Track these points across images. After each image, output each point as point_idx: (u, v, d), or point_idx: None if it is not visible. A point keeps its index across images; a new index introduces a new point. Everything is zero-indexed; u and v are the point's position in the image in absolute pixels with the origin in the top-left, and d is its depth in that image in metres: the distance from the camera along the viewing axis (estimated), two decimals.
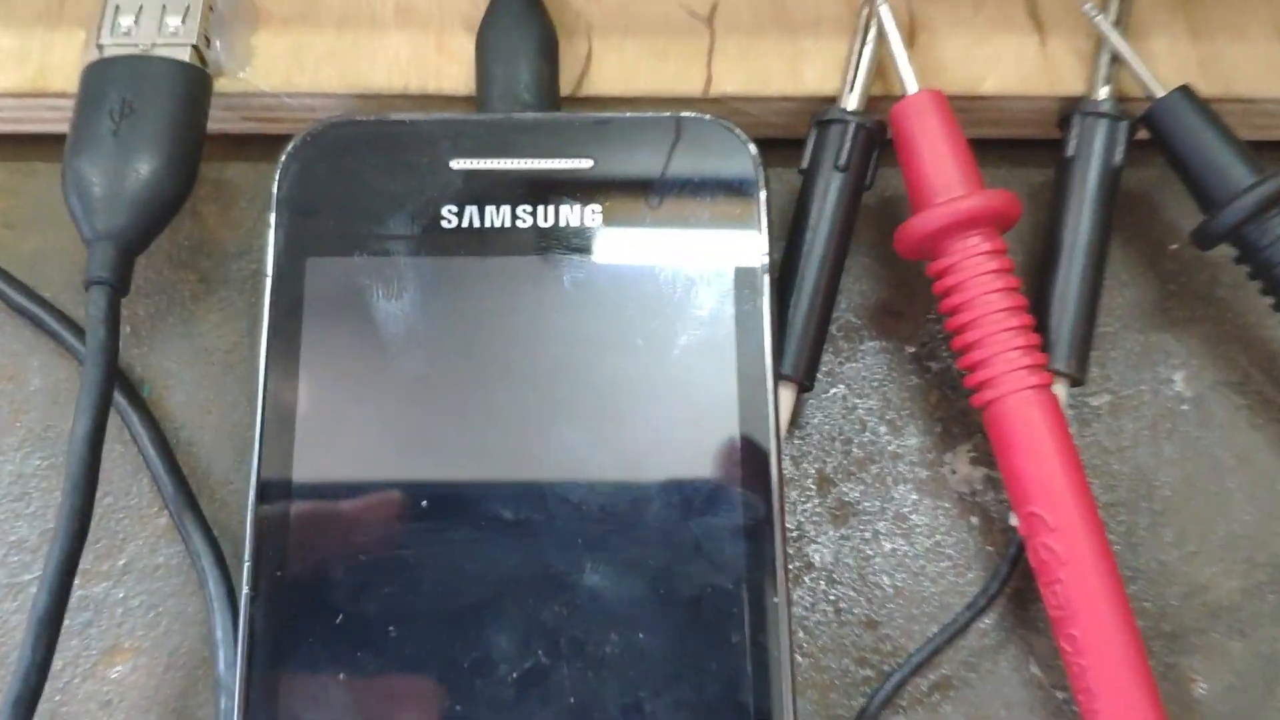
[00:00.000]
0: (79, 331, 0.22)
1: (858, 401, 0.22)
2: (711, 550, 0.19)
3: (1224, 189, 0.21)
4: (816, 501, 0.22)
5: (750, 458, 0.19)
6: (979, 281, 0.20)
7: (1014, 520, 0.20)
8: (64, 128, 0.23)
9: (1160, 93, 0.21)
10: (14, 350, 0.23)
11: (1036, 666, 0.21)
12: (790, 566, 0.21)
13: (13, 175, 0.24)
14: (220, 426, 0.22)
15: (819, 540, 0.22)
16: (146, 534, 0.21)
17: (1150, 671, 0.19)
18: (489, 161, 0.21)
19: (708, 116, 0.21)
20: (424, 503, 0.19)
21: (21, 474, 0.22)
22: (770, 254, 0.20)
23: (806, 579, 0.21)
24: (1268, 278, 0.21)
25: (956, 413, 0.22)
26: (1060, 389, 0.21)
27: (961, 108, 0.22)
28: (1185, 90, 0.21)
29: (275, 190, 0.20)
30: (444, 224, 0.20)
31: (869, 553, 0.22)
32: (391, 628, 0.18)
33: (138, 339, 0.22)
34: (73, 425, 0.19)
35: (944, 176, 0.21)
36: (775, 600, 0.18)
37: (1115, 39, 0.22)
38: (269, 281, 0.20)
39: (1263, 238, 0.20)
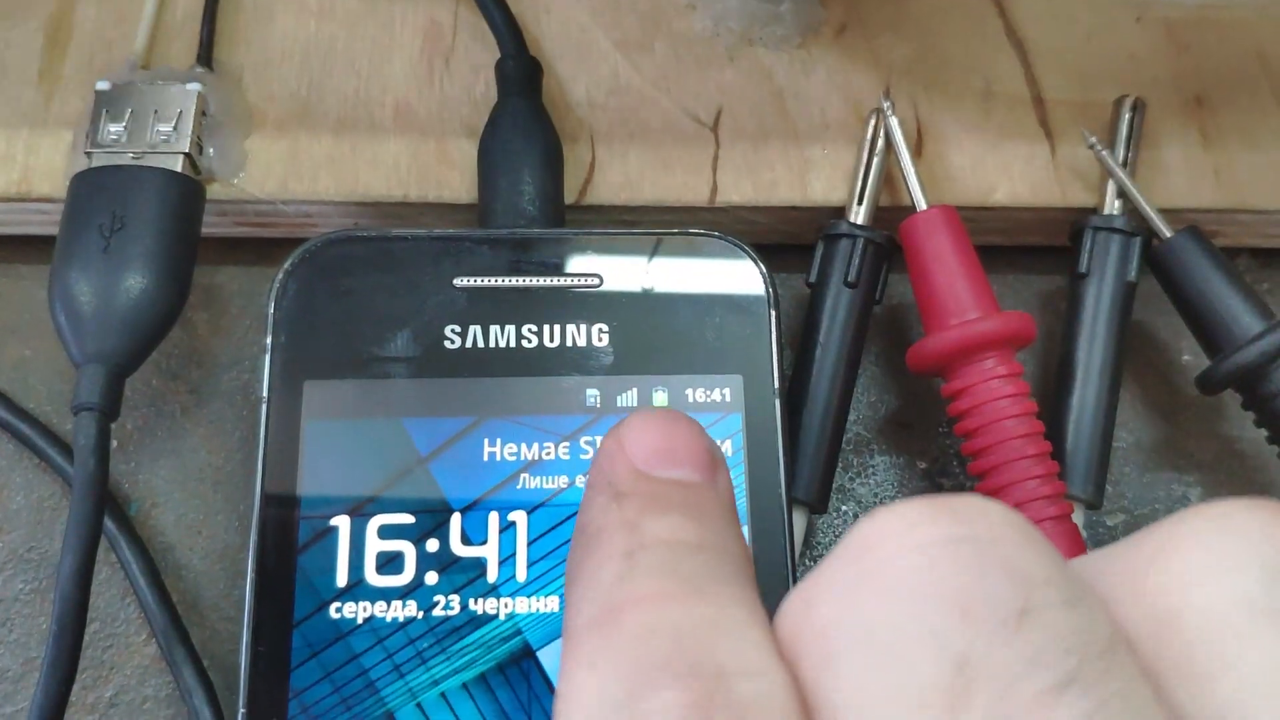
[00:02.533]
0: (64, 448, 0.21)
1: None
2: None
3: (1229, 336, 0.20)
4: None
5: (765, 587, 0.19)
6: (996, 407, 0.20)
7: None
8: (49, 230, 0.22)
9: (1167, 233, 0.21)
10: None
11: None
12: None
13: None
14: (211, 548, 0.21)
15: None
16: (134, 664, 0.20)
17: None
18: (493, 280, 0.20)
19: (717, 234, 0.20)
20: (427, 636, 0.18)
21: (3, 598, 0.21)
22: (782, 372, 0.20)
23: None
24: (1275, 428, 0.20)
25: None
26: (1079, 515, 0.21)
27: (970, 217, 0.22)
28: (1192, 231, 0.21)
29: (271, 310, 0.20)
30: (447, 344, 0.20)
31: None
32: None
33: (125, 454, 0.22)
34: (60, 561, 0.18)
35: (957, 297, 0.20)
36: None
37: (1120, 175, 0.22)
38: (265, 407, 0.19)
39: (1269, 387, 0.20)
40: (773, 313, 0.20)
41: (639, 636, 0.10)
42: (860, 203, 0.22)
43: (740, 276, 0.20)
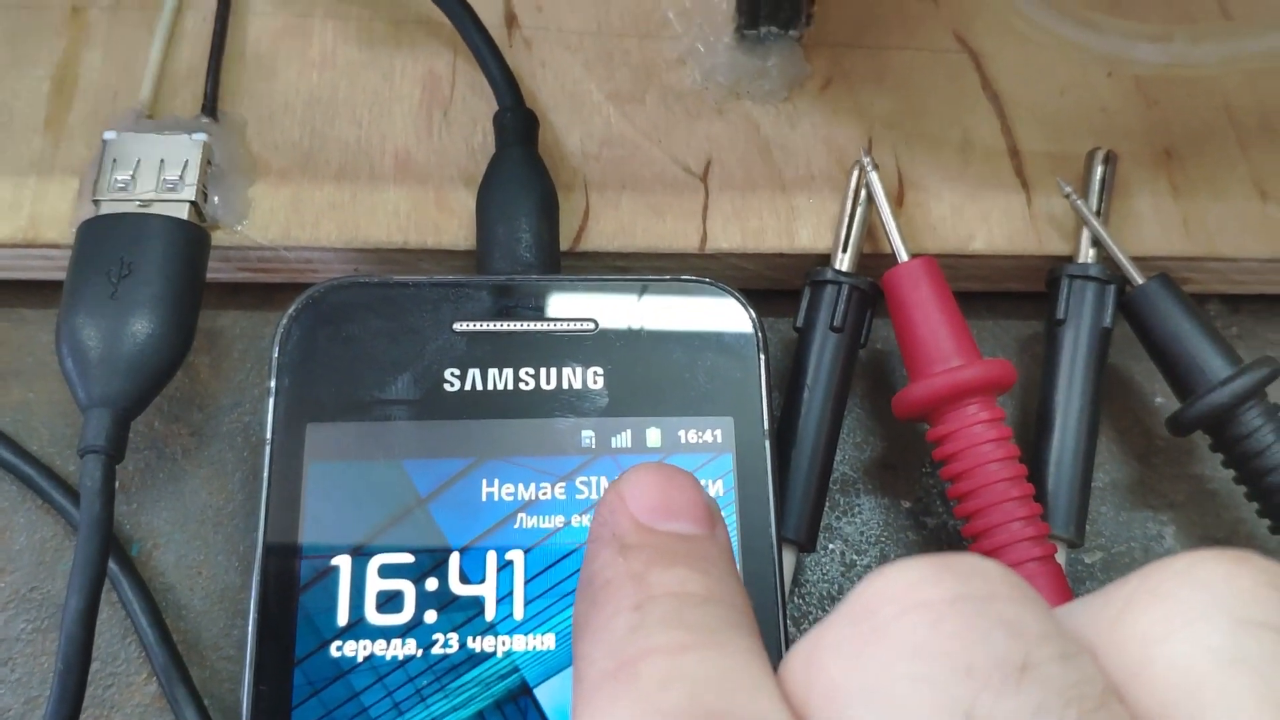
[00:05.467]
0: (68, 490, 0.22)
1: (856, 558, 0.22)
2: None
3: (1199, 380, 0.21)
4: None
5: (759, 624, 0.19)
6: (980, 451, 0.21)
7: None
8: (54, 275, 0.23)
9: (1139, 280, 0.22)
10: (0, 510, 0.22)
11: None
12: None
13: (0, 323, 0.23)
14: (211, 588, 0.21)
15: None
16: (135, 703, 0.21)
17: None
18: (492, 324, 0.21)
19: (707, 280, 0.21)
20: (427, 674, 0.19)
21: (5, 638, 0.21)
22: (771, 414, 0.20)
23: None
24: (1242, 469, 0.21)
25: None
26: (1061, 554, 0.21)
27: (950, 265, 0.23)
28: (1163, 278, 0.22)
29: (275, 354, 0.20)
30: (447, 387, 0.20)
31: None
32: None
33: (127, 496, 0.22)
34: (65, 601, 0.19)
35: (940, 346, 0.21)
36: None
37: (1094, 224, 0.22)
38: (268, 449, 0.20)
39: (1237, 430, 0.21)
40: (762, 356, 0.21)
41: (656, 687, 0.10)
42: (845, 250, 0.23)
43: (730, 320, 0.21)
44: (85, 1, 0.25)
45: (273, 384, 0.20)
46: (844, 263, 0.22)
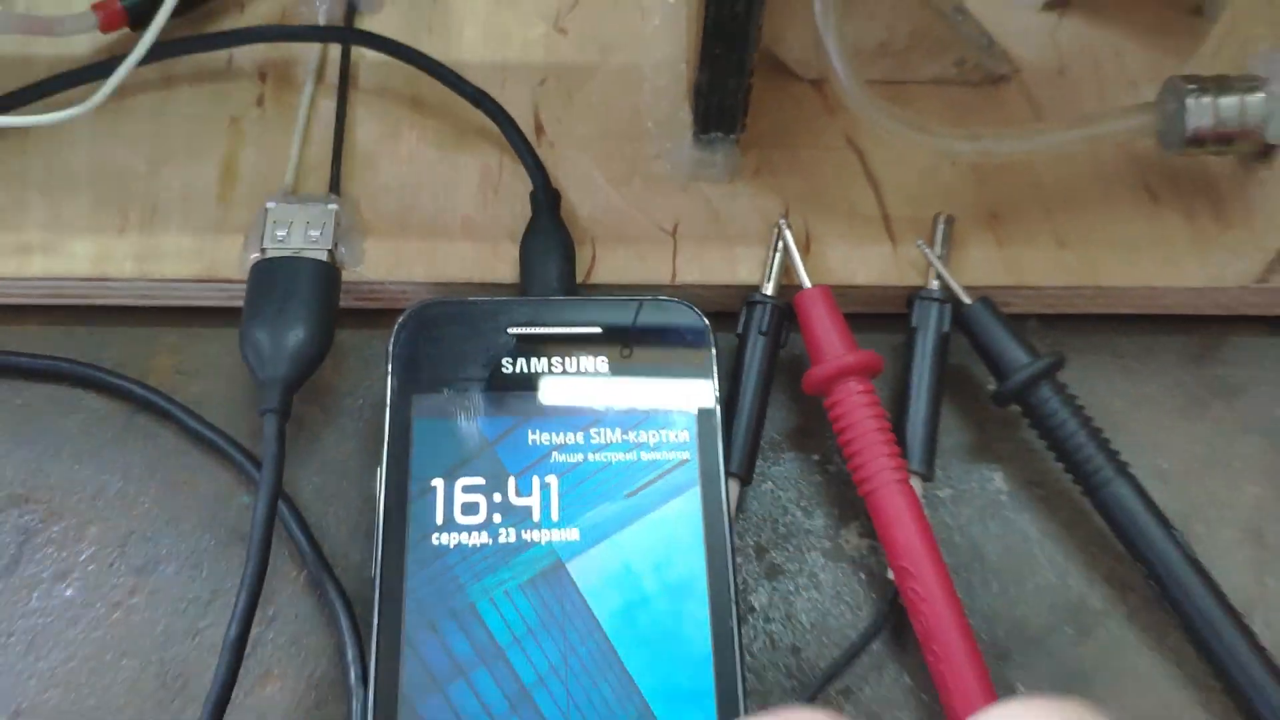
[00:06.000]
0: (241, 449, 0.31)
1: (781, 494, 0.33)
2: (687, 592, 0.29)
3: (1008, 368, 0.32)
4: (755, 564, 0.32)
5: (712, 531, 0.29)
6: (858, 412, 0.31)
7: (890, 574, 0.30)
8: (225, 303, 0.33)
9: (968, 301, 0.33)
10: (189, 465, 0.32)
11: (909, 677, 0.31)
12: (740, 607, 0.31)
13: (183, 337, 0.33)
14: (341, 515, 0.31)
15: (758, 590, 0.31)
16: (289, 590, 0.30)
17: (987, 673, 0.29)
18: (533, 329, 0.31)
19: (677, 300, 0.31)
20: (495, 555, 0.29)
21: (195, 549, 0.31)
22: (720, 388, 0.30)
23: (750, 619, 0.31)
24: (1044, 433, 0.31)
25: (848, 501, 0.33)
26: (916, 483, 0.31)
27: (840, 293, 0.33)
28: (984, 300, 0.32)
29: (391, 349, 0.30)
30: (504, 370, 0.31)
31: (793, 600, 0.31)
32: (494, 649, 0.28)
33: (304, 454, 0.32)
34: (254, 508, 0.28)
35: (831, 343, 0.31)
36: (730, 624, 0.28)
37: (937, 264, 0.33)
38: (388, 411, 0.30)
39: (1036, 403, 0.31)
40: (713, 348, 0.31)
41: None
42: (770, 281, 0.33)
43: (691, 323, 0.31)
44: (240, 114, 0.35)
45: (389, 368, 0.30)
46: (769, 290, 0.33)
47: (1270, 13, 0.35)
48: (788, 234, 0.33)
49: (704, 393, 0.31)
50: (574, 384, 0.31)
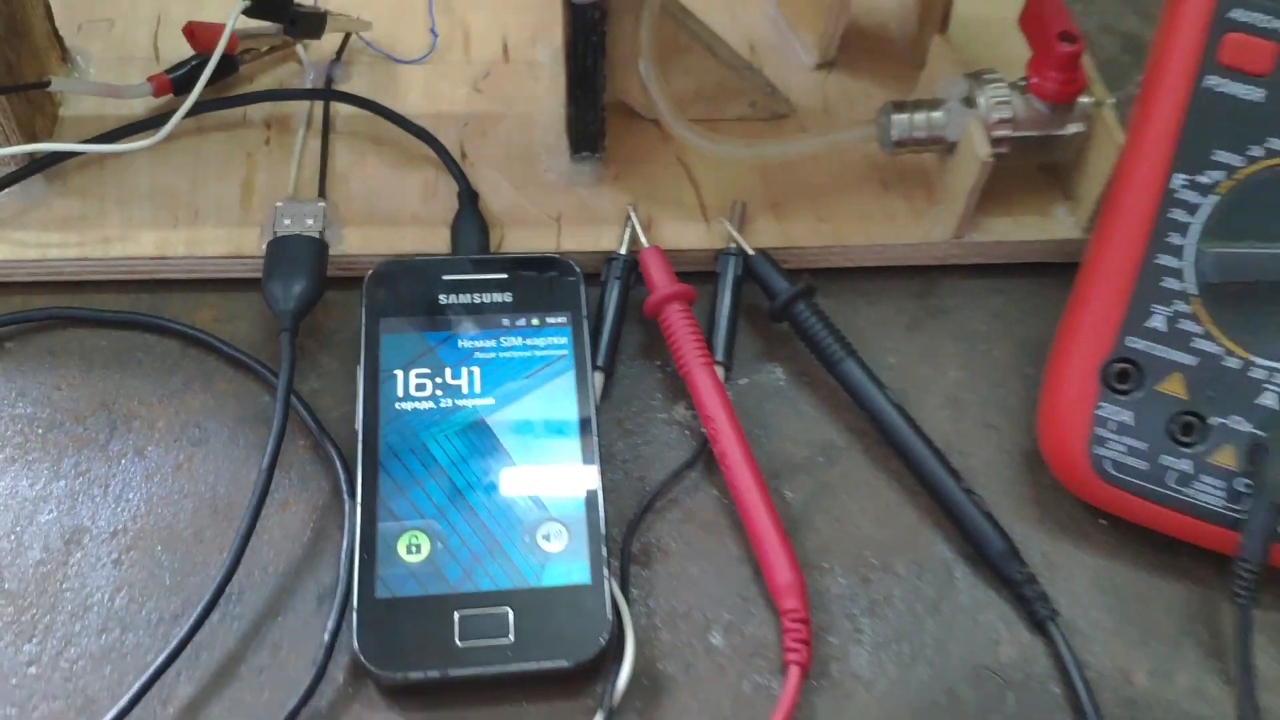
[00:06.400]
0: (263, 364, 0.46)
1: (633, 386, 0.48)
2: (567, 431, 0.43)
3: (776, 293, 0.48)
4: (617, 433, 0.47)
5: (582, 397, 0.44)
6: (679, 322, 0.46)
7: (705, 430, 0.46)
8: (248, 274, 0.48)
9: (752, 253, 0.49)
10: (226, 377, 0.46)
11: (716, 490, 0.45)
12: (601, 460, 0.45)
13: (220, 298, 0.48)
14: (331, 402, 0.46)
15: (617, 444, 0.46)
16: (299, 449, 0.45)
17: (765, 485, 0.44)
18: (460, 276, 0.46)
19: (559, 256, 0.47)
20: (439, 416, 0.44)
21: (234, 430, 0.45)
22: (589, 316, 0.46)
23: (612, 460, 0.46)
24: (803, 339, 0.47)
25: (678, 389, 0.48)
26: (720, 370, 0.47)
27: (671, 256, 0.49)
28: (762, 253, 0.49)
29: (365, 288, 0.45)
30: (440, 301, 0.46)
31: (640, 448, 0.46)
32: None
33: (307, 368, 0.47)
34: (278, 394, 0.43)
35: (661, 280, 0.47)
36: (594, 467, 0.43)
37: (734, 232, 0.49)
38: (363, 328, 0.45)
39: (796, 316, 0.47)
40: (581, 286, 0.46)
41: None
42: (623, 246, 0.49)
43: (566, 270, 0.47)
44: (254, 150, 0.51)
45: (363, 300, 0.45)
46: (623, 250, 0.49)
47: (955, 57, 0.52)
48: (634, 215, 0.49)
49: (576, 312, 0.46)
50: (488, 309, 0.46)
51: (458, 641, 0.39)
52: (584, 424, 0.44)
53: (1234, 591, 0.41)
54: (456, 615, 0.40)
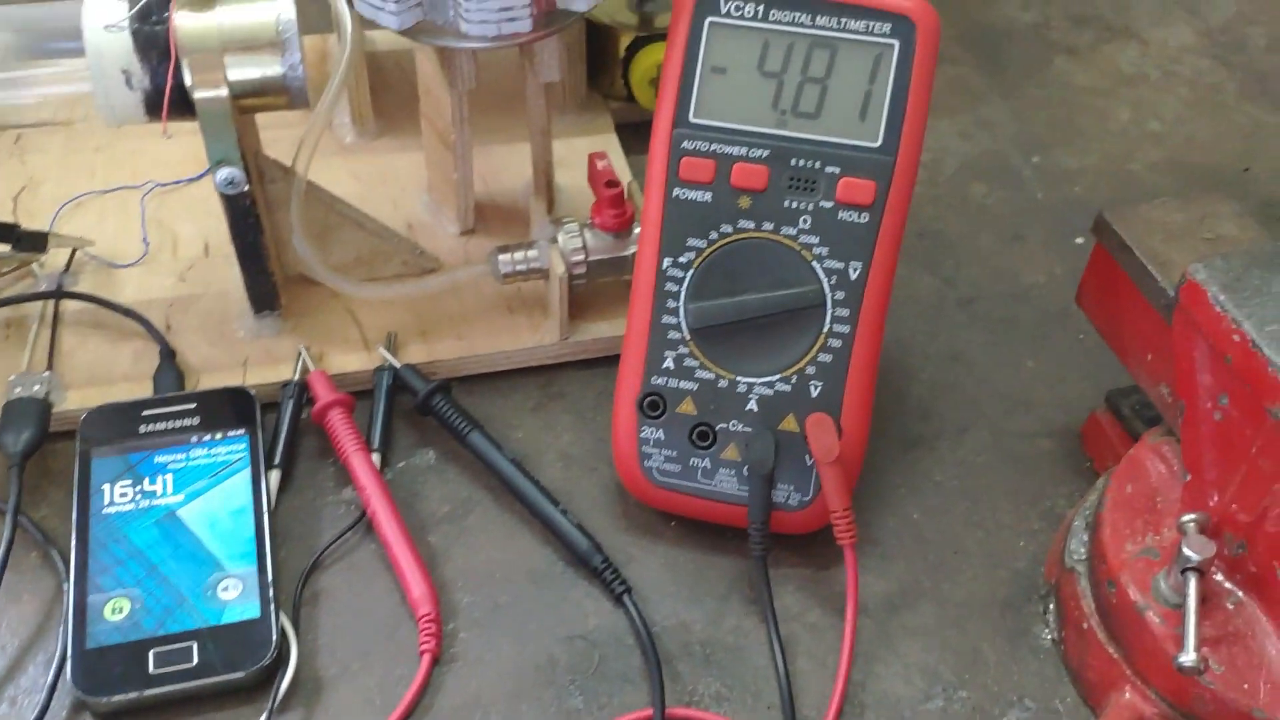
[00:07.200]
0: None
1: (311, 478, 0.60)
2: (244, 513, 0.56)
3: (416, 391, 0.62)
4: (295, 515, 0.59)
5: (256, 494, 0.57)
6: (339, 424, 0.60)
7: (360, 498, 0.58)
8: None
9: (399, 365, 0.63)
10: None
11: (375, 546, 0.58)
12: (278, 533, 0.57)
13: None
14: (57, 524, 0.57)
15: (294, 526, 0.58)
16: (30, 556, 0.55)
17: (413, 542, 0.56)
18: (156, 410, 0.59)
19: (239, 386, 0.60)
20: None
21: None
22: (261, 425, 0.59)
23: (288, 540, 0.58)
24: (442, 424, 0.62)
25: (344, 474, 0.60)
26: (376, 456, 0.60)
27: (340, 379, 0.63)
28: (408, 365, 0.63)
29: (79, 431, 0.58)
30: (140, 430, 0.58)
31: (315, 525, 0.58)
32: None
33: (39, 500, 0.58)
34: (5, 521, 0.54)
35: (324, 393, 0.61)
36: (265, 534, 0.55)
37: (385, 354, 0.64)
38: (78, 454, 0.57)
39: (435, 408, 0.61)
40: (257, 407, 0.60)
41: None
42: (295, 375, 0.63)
43: (244, 396, 0.60)
44: None
45: (79, 437, 0.57)
46: (295, 378, 0.62)
47: (545, 211, 0.69)
48: (304, 351, 0.63)
49: (252, 425, 0.59)
50: (179, 431, 0.59)
51: (151, 670, 0.50)
52: (256, 505, 0.56)
53: (751, 549, 0.55)
54: (151, 652, 0.50)
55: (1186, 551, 0.49)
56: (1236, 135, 0.85)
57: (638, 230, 0.66)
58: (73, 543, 0.54)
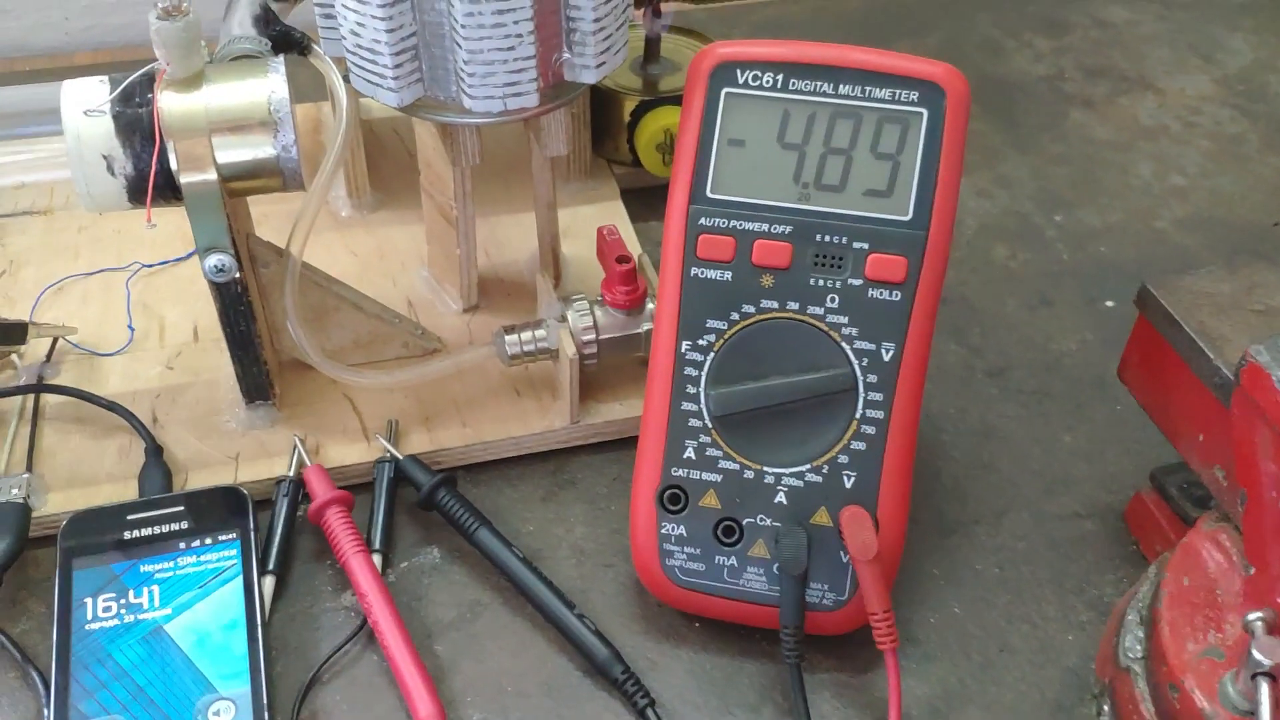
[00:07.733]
0: None
1: (308, 583, 0.56)
2: (235, 628, 0.52)
3: (420, 485, 0.58)
4: (292, 624, 0.55)
5: (250, 605, 0.53)
6: (338, 524, 0.56)
7: (361, 606, 0.54)
8: None
9: (400, 457, 0.59)
10: None
11: (377, 657, 0.54)
12: (273, 646, 0.53)
13: None
14: (38, 640, 0.53)
15: (290, 635, 0.54)
16: (9, 676, 0.51)
17: (416, 651, 0.53)
18: (142, 514, 0.55)
19: (231, 485, 0.57)
20: None
21: None
22: (255, 526, 0.55)
23: (284, 650, 0.54)
24: (447, 519, 0.58)
25: (343, 578, 0.56)
26: (377, 558, 0.56)
27: (338, 472, 0.59)
28: (411, 456, 0.59)
29: (60, 537, 0.54)
30: (124, 535, 0.54)
31: (314, 635, 0.54)
32: None
33: (18, 614, 0.54)
34: None
35: (321, 490, 0.57)
36: (259, 651, 0.51)
37: (385, 444, 0.60)
38: (59, 565, 0.53)
39: (439, 502, 0.58)
40: (250, 506, 0.56)
41: None
42: (291, 468, 0.59)
43: (236, 496, 0.56)
44: None
45: (59, 545, 0.53)
46: (290, 473, 0.59)
47: (553, 289, 0.66)
48: (300, 444, 0.60)
49: (245, 528, 0.55)
50: (166, 537, 0.55)
51: None
52: (249, 618, 0.52)
53: (784, 654, 0.51)
54: None
55: (1257, 655, 0.45)
56: (1263, 188, 0.82)
57: (651, 306, 0.63)
58: (53, 665, 0.50)
